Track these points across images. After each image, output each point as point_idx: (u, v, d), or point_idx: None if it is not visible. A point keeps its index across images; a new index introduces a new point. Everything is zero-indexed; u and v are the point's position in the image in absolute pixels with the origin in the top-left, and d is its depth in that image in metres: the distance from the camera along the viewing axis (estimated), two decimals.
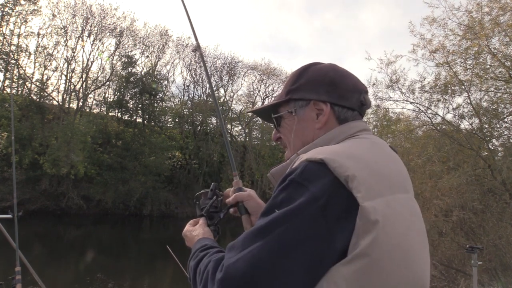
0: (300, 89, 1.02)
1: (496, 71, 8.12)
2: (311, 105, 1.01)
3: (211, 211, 1.27)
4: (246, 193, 1.27)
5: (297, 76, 1.05)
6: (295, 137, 1.04)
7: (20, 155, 21.76)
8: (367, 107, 1.03)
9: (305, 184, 0.76)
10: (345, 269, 0.70)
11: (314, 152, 0.84)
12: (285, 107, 1.05)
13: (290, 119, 1.04)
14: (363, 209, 0.73)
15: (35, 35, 25.88)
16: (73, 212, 23.98)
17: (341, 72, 1.03)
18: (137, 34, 29.84)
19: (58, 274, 11.69)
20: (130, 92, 29.41)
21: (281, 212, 0.74)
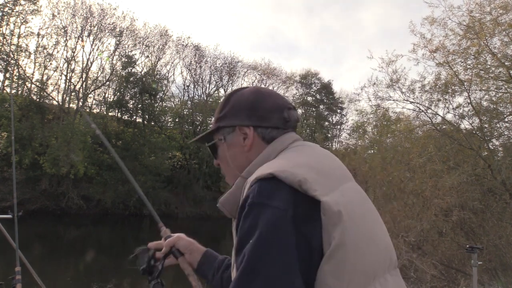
0: (226, 117, 1.07)
1: (496, 70, 8.12)
2: (236, 131, 1.05)
3: (151, 266, 1.28)
4: (175, 236, 1.35)
5: (223, 104, 1.09)
6: (229, 162, 1.07)
7: (20, 155, 21.76)
8: (294, 122, 1.06)
9: (267, 203, 0.78)
10: (328, 266, 0.74)
11: (260, 170, 0.86)
12: (216, 135, 1.09)
13: (222, 146, 1.08)
14: (325, 204, 0.77)
15: (35, 35, 25.89)
16: (73, 212, 23.98)
17: (261, 93, 1.06)
18: (137, 34, 29.85)
19: (58, 274, 11.68)
20: (130, 92, 29.41)
21: (256, 241, 0.74)
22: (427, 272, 7.10)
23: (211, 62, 33.25)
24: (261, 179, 0.82)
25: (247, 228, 0.77)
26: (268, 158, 0.98)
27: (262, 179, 0.82)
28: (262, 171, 0.84)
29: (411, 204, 8.18)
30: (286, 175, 0.80)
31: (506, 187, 7.48)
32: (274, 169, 0.82)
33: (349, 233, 0.77)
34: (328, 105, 39.68)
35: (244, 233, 0.78)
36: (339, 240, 0.75)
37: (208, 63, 33.27)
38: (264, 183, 0.81)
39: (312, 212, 0.78)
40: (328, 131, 38.83)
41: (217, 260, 1.31)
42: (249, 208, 0.79)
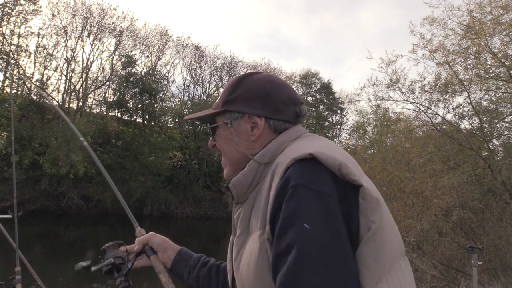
0: (236, 101, 1.02)
1: (497, 70, 8.12)
2: (245, 118, 1.01)
3: (119, 263, 1.21)
4: (148, 234, 1.32)
5: (234, 86, 1.04)
6: (229, 147, 1.04)
7: (20, 155, 21.75)
8: (303, 116, 1.05)
9: (313, 186, 0.75)
10: (366, 248, 0.74)
11: (293, 152, 0.84)
12: (221, 117, 1.05)
13: (225, 130, 1.04)
14: (365, 189, 0.78)
15: (35, 35, 25.88)
16: (73, 212, 23.98)
17: (277, 84, 1.03)
18: (137, 34, 29.85)
19: (58, 274, 11.68)
20: (130, 92, 29.40)
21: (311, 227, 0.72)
22: (427, 272, 7.10)
23: (211, 62, 33.27)
24: (300, 160, 0.79)
25: (294, 211, 0.74)
26: (282, 145, 0.96)
27: (301, 160, 0.79)
28: (298, 152, 0.81)
29: (411, 204, 8.18)
30: (326, 158, 0.78)
31: (506, 187, 7.48)
32: (312, 150, 0.80)
33: (385, 218, 0.78)
34: (328, 105, 39.67)
35: (290, 216, 0.74)
36: (379, 225, 0.76)
37: (208, 63, 33.28)
38: (304, 165, 0.79)
39: (349, 196, 0.77)
40: (328, 131, 38.82)
41: (192, 258, 1.28)
42: (293, 191, 0.75)
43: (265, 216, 0.82)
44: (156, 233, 1.33)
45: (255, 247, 0.84)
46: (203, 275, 1.21)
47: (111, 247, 1.28)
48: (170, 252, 1.29)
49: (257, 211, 0.88)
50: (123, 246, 1.31)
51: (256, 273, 0.82)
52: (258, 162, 0.95)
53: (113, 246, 1.28)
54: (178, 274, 1.26)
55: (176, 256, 1.28)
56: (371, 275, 0.72)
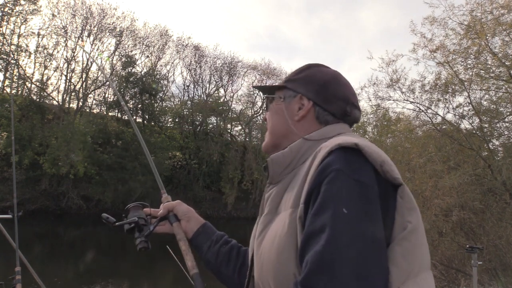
0: (296, 81, 1.09)
1: (497, 70, 8.12)
2: (297, 98, 1.06)
3: (141, 224, 1.21)
4: (175, 201, 1.33)
5: (301, 70, 1.12)
6: (275, 121, 1.09)
7: (20, 155, 21.75)
8: (353, 119, 1.07)
9: (356, 175, 0.76)
10: (400, 247, 0.75)
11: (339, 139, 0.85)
12: (279, 92, 1.11)
13: (278, 104, 1.10)
14: (404, 188, 0.79)
15: (35, 35, 25.88)
16: (73, 212, 23.98)
17: (338, 80, 1.07)
18: (137, 34, 29.85)
19: (58, 274, 11.68)
20: (130, 92, 29.39)
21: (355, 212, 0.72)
22: None
23: (211, 62, 33.25)
24: (345, 147, 0.80)
25: (333, 194, 0.74)
26: (326, 135, 0.98)
27: (346, 148, 0.80)
28: (344, 140, 0.82)
29: None
30: (371, 152, 0.79)
31: (506, 187, 7.48)
32: (358, 141, 0.80)
33: (420, 221, 0.79)
34: None
35: (328, 198, 0.74)
36: (415, 225, 0.76)
37: (208, 63, 33.27)
38: (348, 153, 0.80)
39: (388, 193, 0.78)
40: None
41: (215, 233, 1.28)
42: (335, 174, 0.76)
43: (299, 196, 0.84)
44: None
45: (282, 225, 0.84)
46: (223, 252, 1.21)
47: (135, 207, 1.28)
48: (193, 222, 1.29)
49: (291, 192, 0.90)
50: (146, 208, 1.32)
51: (279, 250, 0.83)
52: (304, 139, 0.98)
53: (137, 207, 1.28)
54: (198, 246, 1.26)
55: (199, 228, 1.28)
56: (399, 274, 0.72)
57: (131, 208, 1.28)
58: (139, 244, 1.16)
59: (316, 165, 0.81)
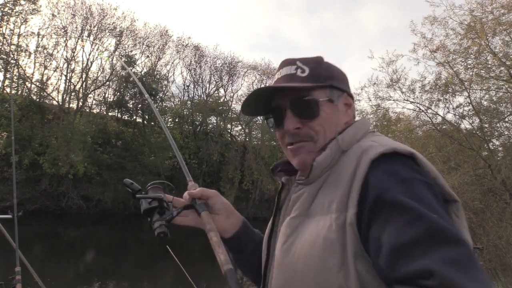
0: (334, 78, 0.97)
1: (497, 70, 8.11)
2: (344, 97, 0.98)
3: (164, 206, 1.04)
4: (212, 191, 1.16)
5: (326, 63, 0.99)
6: (331, 127, 0.94)
7: (20, 155, 21.74)
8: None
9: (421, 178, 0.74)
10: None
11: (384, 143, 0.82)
12: (320, 92, 0.94)
13: (328, 108, 0.94)
14: (460, 207, 0.78)
15: (35, 35, 25.87)
16: (73, 212, 23.96)
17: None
18: (137, 34, 29.84)
19: (58, 274, 11.67)
20: (130, 92, 29.38)
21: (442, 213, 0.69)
22: None
23: (211, 62, 33.23)
24: (400, 153, 0.77)
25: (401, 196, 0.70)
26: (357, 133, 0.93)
27: (401, 154, 0.77)
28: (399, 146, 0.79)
29: None
30: (426, 163, 0.78)
31: (506, 187, 7.48)
32: (412, 150, 0.78)
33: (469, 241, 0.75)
34: None
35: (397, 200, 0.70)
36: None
37: (208, 63, 33.25)
38: (404, 159, 0.77)
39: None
40: None
41: (256, 233, 1.16)
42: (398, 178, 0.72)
43: (345, 200, 0.78)
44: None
45: (326, 230, 0.78)
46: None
47: (155, 188, 1.11)
48: (234, 218, 1.13)
49: (329, 194, 0.83)
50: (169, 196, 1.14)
51: (324, 256, 0.76)
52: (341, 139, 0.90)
53: (157, 188, 1.11)
54: (238, 248, 1.11)
55: (242, 226, 1.13)
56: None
57: (150, 189, 1.11)
58: (158, 228, 0.99)
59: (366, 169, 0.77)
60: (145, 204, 1.04)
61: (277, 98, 0.98)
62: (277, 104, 0.97)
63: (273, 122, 1.00)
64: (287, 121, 0.94)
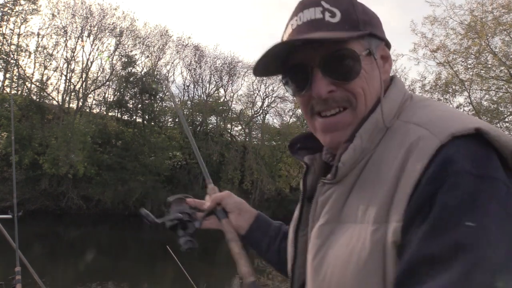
0: (374, 22, 0.76)
1: (497, 70, 8.12)
2: (381, 48, 0.77)
3: (186, 220, 1.06)
4: (224, 192, 1.14)
5: (359, 3, 0.77)
6: (372, 89, 0.73)
7: (20, 155, 21.73)
8: None
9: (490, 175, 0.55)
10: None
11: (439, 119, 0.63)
12: (357, 43, 0.72)
13: (367, 63, 0.73)
14: None
15: (35, 35, 25.87)
16: (73, 212, 23.96)
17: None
18: (137, 34, 29.84)
19: (58, 274, 11.67)
20: (130, 92, 29.39)
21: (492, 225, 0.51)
22: None
23: (211, 62, 33.20)
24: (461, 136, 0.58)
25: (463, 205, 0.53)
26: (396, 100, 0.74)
27: (463, 136, 0.58)
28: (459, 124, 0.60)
29: None
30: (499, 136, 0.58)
31: None
32: (477, 124, 0.59)
33: None
34: None
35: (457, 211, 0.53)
36: None
37: (208, 63, 33.23)
38: (469, 144, 0.58)
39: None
40: None
41: (271, 227, 1.08)
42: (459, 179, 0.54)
43: (386, 207, 0.61)
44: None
45: (359, 247, 0.63)
46: (284, 247, 0.96)
47: (177, 200, 1.15)
48: (246, 215, 1.09)
49: (365, 195, 0.66)
50: (190, 199, 1.16)
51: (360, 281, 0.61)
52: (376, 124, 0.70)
53: (179, 200, 1.15)
54: (254, 244, 1.07)
55: (254, 222, 1.07)
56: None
57: (172, 201, 1.16)
58: (184, 245, 1.02)
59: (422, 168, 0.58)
60: (167, 223, 1.09)
61: (299, 52, 0.75)
62: (300, 61, 0.75)
63: (294, 85, 0.78)
64: (316, 83, 0.72)
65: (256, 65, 0.78)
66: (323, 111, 0.75)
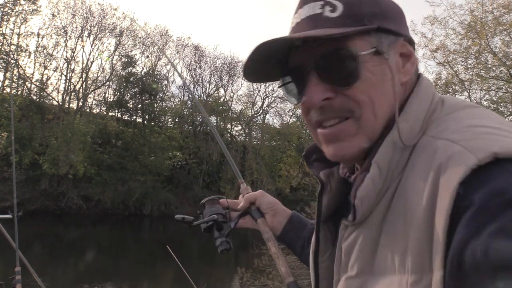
0: (385, 14, 0.63)
1: (497, 70, 8.12)
2: (399, 44, 0.63)
3: (220, 221, 1.07)
4: (257, 192, 1.10)
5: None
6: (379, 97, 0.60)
7: (20, 155, 21.73)
8: None
9: None
10: None
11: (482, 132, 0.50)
12: (361, 40, 0.60)
13: (374, 63, 0.60)
14: None
15: (35, 35, 25.89)
16: (73, 212, 23.96)
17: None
18: (137, 34, 29.83)
19: (58, 274, 11.67)
20: (130, 92, 29.41)
21: None
22: None
23: (211, 62, 33.22)
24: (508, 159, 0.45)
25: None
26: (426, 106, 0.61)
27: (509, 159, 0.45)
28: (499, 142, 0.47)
29: None
30: None
31: None
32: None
33: None
34: None
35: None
36: None
37: (208, 63, 33.24)
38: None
39: None
40: None
41: (306, 228, 1.04)
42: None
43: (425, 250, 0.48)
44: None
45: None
46: None
47: (211, 201, 1.14)
48: (280, 217, 1.06)
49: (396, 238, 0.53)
50: (223, 199, 1.15)
51: None
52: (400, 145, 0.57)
53: (213, 201, 1.14)
54: (289, 245, 1.05)
55: (287, 224, 1.05)
56: None
57: (206, 202, 1.15)
58: (220, 246, 1.03)
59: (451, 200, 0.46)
60: (203, 225, 1.08)
61: (295, 53, 0.66)
62: (296, 63, 0.66)
63: (294, 91, 0.68)
64: (310, 89, 0.62)
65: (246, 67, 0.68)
66: (322, 121, 0.64)
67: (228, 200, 1.15)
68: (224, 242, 1.03)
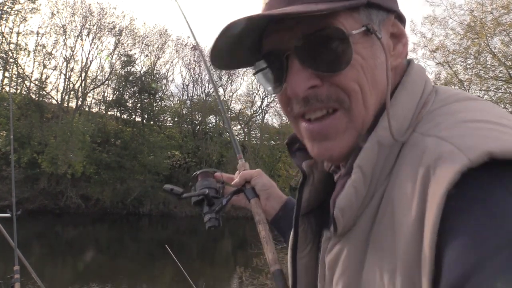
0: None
1: (497, 70, 8.13)
2: (389, 22, 0.56)
3: (212, 195, 1.00)
4: (255, 170, 1.04)
5: None
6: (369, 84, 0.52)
7: (18, 154, 21.70)
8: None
9: None
10: None
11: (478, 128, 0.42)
12: (348, 18, 0.52)
13: (365, 45, 0.52)
14: None
15: (34, 34, 25.85)
16: (71, 211, 23.95)
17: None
18: (136, 33, 29.83)
19: (57, 273, 11.66)
20: (129, 91, 29.40)
21: None
22: None
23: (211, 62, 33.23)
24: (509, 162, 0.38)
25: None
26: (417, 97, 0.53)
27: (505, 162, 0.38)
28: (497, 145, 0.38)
29: None
30: None
31: None
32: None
33: None
34: None
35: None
36: None
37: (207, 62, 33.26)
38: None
39: None
40: None
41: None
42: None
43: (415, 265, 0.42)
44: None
45: None
46: None
47: (204, 174, 1.07)
48: (274, 201, 0.99)
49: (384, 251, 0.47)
50: (218, 173, 1.08)
51: None
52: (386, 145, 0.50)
53: (207, 174, 1.07)
54: (280, 232, 0.98)
55: (280, 210, 0.98)
56: None
57: (199, 175, 1.07)
58: (208, 222, 0.97)
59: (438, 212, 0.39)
60: (194, 199, 1.03)
61: (272, 35, 0.57)
62: (272, 46, 0.57)
63: (271, 78, 0.59)
64: (292, 76, 0.53)
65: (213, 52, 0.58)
66: (306, 112, 0.55)
67: (224, 174, 1.09)
68: (213, 218, 0.97)
